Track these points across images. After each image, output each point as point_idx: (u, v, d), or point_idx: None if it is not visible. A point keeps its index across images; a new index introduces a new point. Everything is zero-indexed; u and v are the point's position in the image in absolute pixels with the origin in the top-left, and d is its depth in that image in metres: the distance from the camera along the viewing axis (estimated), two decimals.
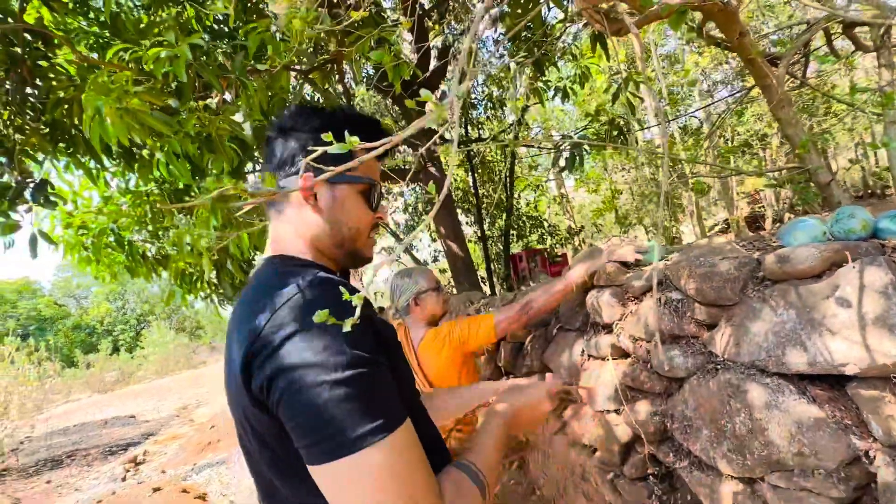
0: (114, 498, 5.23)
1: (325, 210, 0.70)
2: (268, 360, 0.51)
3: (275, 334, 0.52)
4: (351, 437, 0.48)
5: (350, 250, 0.74)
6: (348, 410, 0.49)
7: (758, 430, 0.99)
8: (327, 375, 0.49)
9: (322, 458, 0.49)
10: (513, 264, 6.79)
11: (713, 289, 1.15)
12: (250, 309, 0.58)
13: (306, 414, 0.49)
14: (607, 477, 1.55)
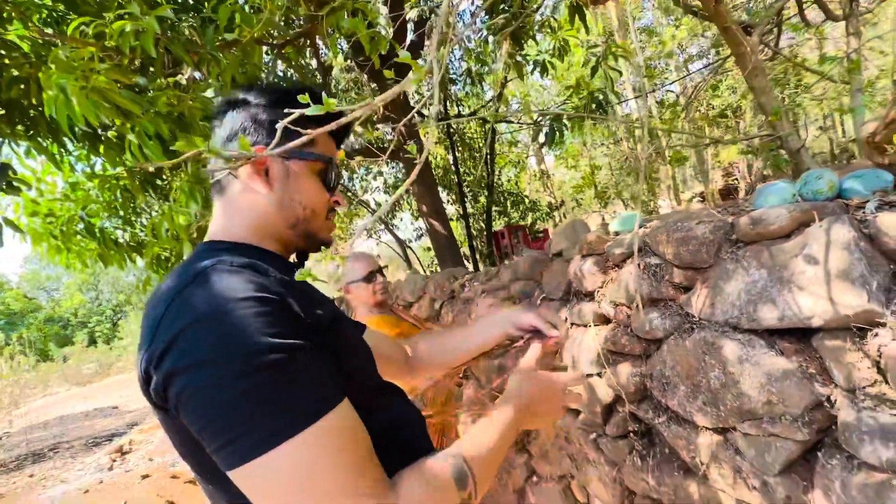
0: (101, 487, 5.20)
1: (276, 186, 0.65)
2: (161, 362, 0.45)
3: (169, 329, 0.46)
4: (259, 437, 0.43)
5: (304, 231, 0.69)
6: (253, 407, 0.43)
7: (731, 383, 1.05)
8: (224, 370, 0.43)
9: (233, 462, 0.44)
10: (495, 241, 6.85)
11: (689, 252, 1.19)
12: (154, 301, 0.52)
13: (208, 417, 0.44)
14: (590, 437, 1.63)
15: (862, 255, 0.90)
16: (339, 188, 0.76)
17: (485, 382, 2.30)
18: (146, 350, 0.47)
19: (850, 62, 1.66)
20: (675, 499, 1.27)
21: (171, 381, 0.45)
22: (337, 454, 0.45)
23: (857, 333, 0.90)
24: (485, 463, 0.57)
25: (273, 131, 0.65)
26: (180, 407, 0.45)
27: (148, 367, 0.47)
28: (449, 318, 2.88)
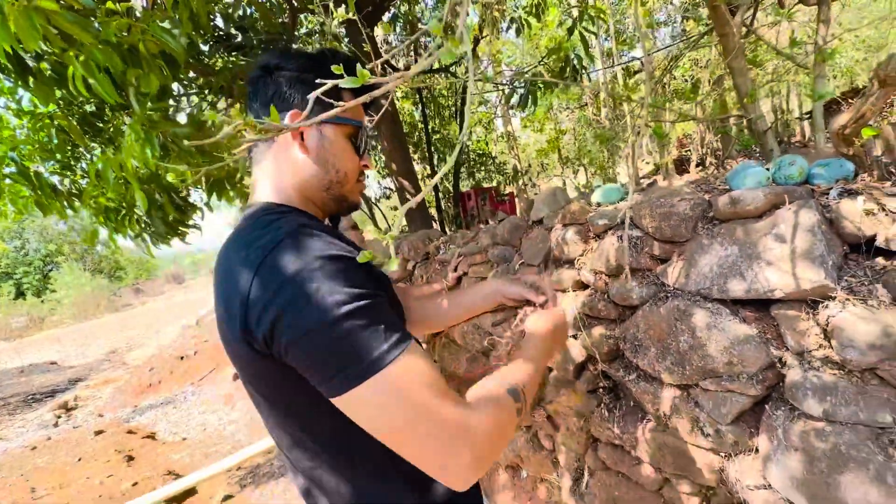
0: (50, 443, 5.03)
1: (312, 151, 0.69)
2: (265, 312, 0.52)
3: (265, 286, 0.53)
4: (368, 360, 0.51)
5: (337, 195, 0.74)
6: (359, 340, 0.51)
7: (698, 346, 1.18)
8: (330, 314, 0.51)
9: (344, 387, 0.51)
10: (462, 203, 6.86)
11: (670, 227, 1.28)
12: (234, 262, 0.57)
13: (318, 353, 0.51)
14: (561, 392, 1.77)
15: (823, 236, 1.01)
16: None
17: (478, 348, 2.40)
18: (244, 304, 0.53)
19: (818, 51, 1.75)
20: (636, 444, 1.44)
21: (277, 329, 0.51)
22: (423, 374, 0.53)
23: (810, 305, 1.03)
24: (529, 384, 0.67)
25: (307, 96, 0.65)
26: (290, 349, 0.52)
27: (247, 320, 0.53)
28: (422, 279, 2.92)
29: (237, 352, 0.57)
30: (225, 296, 0.58)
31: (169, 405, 6.17)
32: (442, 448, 0.52)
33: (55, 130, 3.15)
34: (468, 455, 0.52)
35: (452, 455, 0.52)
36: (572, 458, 1.83)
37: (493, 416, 0.57)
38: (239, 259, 0.57)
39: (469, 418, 0.54)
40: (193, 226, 3.16)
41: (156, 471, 3.72)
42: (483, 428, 0.54)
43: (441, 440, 0.52)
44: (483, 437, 0.54)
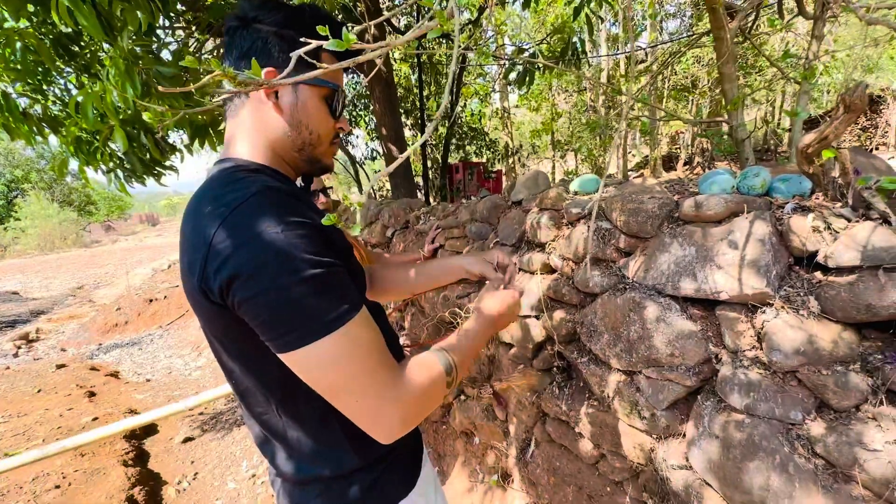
0: (9, 373, 4.97)
1: (286, 110, 0.69)
2: (222, 267, 0.54)
3: (226, 241, 0.54)
4: (316, 325, 0.54)
5: (310, 156, 0.74)
6: (309, 304, 0.54)
7: (646, 336, 1.26)
8: (284, 278, 0.53)
9: (291, 345, 0.55)
10: (449, 175, 6.83)
11: (637, 223, 1.34)
12: (201, 214, 0.58)
13: (270, 312, 0.54)
14: (518, 367, 1.86)
15: (772, 247, 1.08)
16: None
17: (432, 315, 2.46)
18: (204, 256, 0.55)
19: (806, 66, 1.79)
20: (580, 421, 1.54)
21: (233, 284, 0.53)
22: (367, 343, 0.58)
23: (750, 309, 1.11)
24: (464, 358, 0.72)
25: (285, 53, 0.65)
26: (243, 305, 0.54)
27: (205, 272, 0.55)
28: (400, 247, 2.95)
29: (196, 299, 0.60)
30: (189, 246, 0.59)
31: (135, 346, 6.14)
32: (373, 408, 0.58)
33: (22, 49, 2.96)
34: (396, 417, 0.59)
35: (381, 415, 0.59)
36: (522, 429, 1.94)
37: (423, 386, 0.63)
38: (205, 213, 0.58)
39: (400, 385, 0.60)
40: (171, 167, 3.08)
41: (117, 408, 3.75)
42: (412, 396, 0.61)
43: (373, 401, 0.58)
44: (410, 402, 0.61)
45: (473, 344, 0.76)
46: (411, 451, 0.83)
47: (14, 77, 3.11)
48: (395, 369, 0.61)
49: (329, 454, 0.71)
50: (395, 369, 0.61)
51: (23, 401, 3.96)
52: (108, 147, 3.53)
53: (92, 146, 3.66)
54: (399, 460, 0.79)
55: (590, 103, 10.14)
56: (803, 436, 0.97)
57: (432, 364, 0.66)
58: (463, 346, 0.74)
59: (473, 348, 0.76)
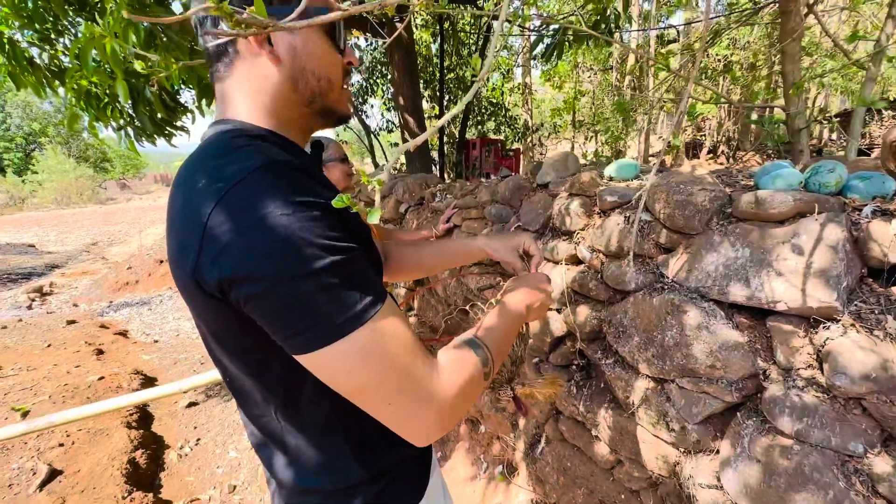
0: (21, 325, 5.04)
1: (284, 59, 0.57)
2: (222, 257, 0.45)
3: (225, 225, 0.45)
4: (339, 322, 0.46)
5: (322, 107, 0.63)
6: (329, 299, 0.46)
7: (683, 343, 1.14)
8: (298, 268, 0.44)
9: (309, 346, 0.47)
10: (465, 151, 6.62)
11: (684, 217, 1.20)
12: (194, 189, 0.49)
13: (282, 310, 0.45)
14: (533, 360, 1.76)
15: (845, 255, 0.94)
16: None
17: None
18: (199, 242, 0.46)
19: (879, 50, 1.59)
20: (597, 424, 1.45)
21: (235, 279, 0.45)
22: (398, 337, 0.50)
23: (811, 324, 0.98)
24: (498, 346, 0.64)
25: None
26: (249, 303, 0.46)
27: (199, 260, 0.46)
28: (413, 224, 2.83)
29: (188, 289, 0.50)
30: (179, 226, 0.49)
31: (144, 306, 6.19)
32: (409, 408, 0.51)
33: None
34: (434, 415, 0.52)
35: (418, 415, 0.51)
36: (532, 423, 1.86)
37: (461, 380, 0.55)
38: (199, 188, 0.48)
39: (437, 380, 0.53)
40: (182, 128, 2.97)
41: (123, 368, 3.77)
42: (450, 391, 0.54)
43: (409, 400, 0.51)
44: (449, 398, 0.53)
45: (506, 335, 0.69)
46: (419, 460, 0.74)
47: (22, 24, 2.97)
48: (430, 365, 0.53)
49: (331, 464, 0.63)
50: (429, 365, 0.53)
51: (32, 354, 4.00)
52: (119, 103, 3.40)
53: (102, 101, 3.53)
54: (405, 472, 0.70)
55: (615, 83, 9.71)
56: (863, 471, 0.86)
57: (468, 357, 0.58)
58: (496, 336, 0.66)
59: (507, 339, 0.69)
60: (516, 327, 0.75)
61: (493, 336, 0.66)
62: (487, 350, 0.62)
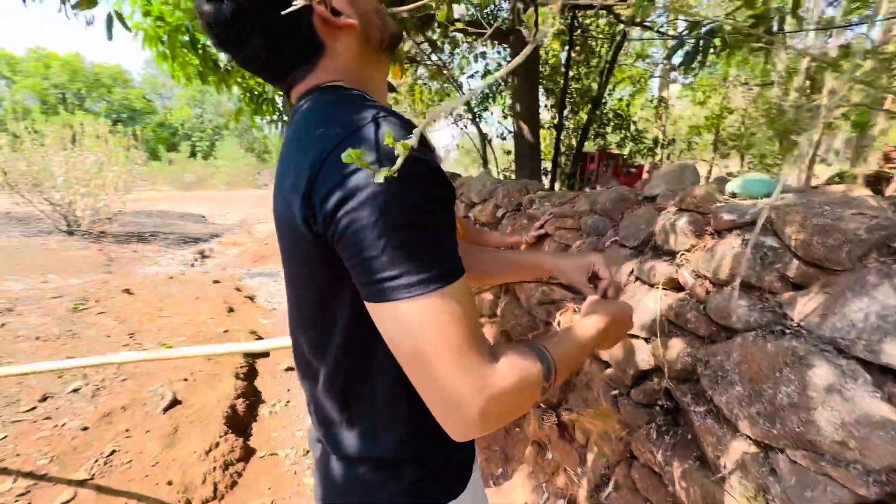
0: (182, 277, 6.15)
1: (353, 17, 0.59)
2: (333, 192, 0.47)
3: (336, 170, 0.47)
4: (412, 280, 0.46)
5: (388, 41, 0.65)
6: (412, 253, 0.46)
7: (803, 406, 0.89)
8: (392, 219, 0.45)
9: (381, 296, 0.48)
10: (582, 163, 6.30)
11: (825, 246, 0.94)
12: (311, 136, 0.52)
13: (365, 254, 0.47)
14: (611, 392, 1.56)
15: None
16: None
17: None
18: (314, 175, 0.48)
19: None
20: (676, 480, 1.22)
21: (342, 209, 0.46)
22: (465, 314, 0.48)
23: None
24: (565, 362, 0.60)
25: None
26: (345, 237, 0.47)
27: (313, 191, 0.48)
28: (508, 229, 2.76)
29: (291, 226, 0.53)
30: (294, 167, 0.52)
31: (271, 277, 7.09)
32: (451, 396, 0.49)
33: None
34: (474, 409, 0.48)
35: (458, 402, 0.48)
36: (602, 462, 1.65)
37: (514, 383, 0.51)
38: (317, 134, 0.51)
39: (488, 375, 0.49)
40: None
41: (245, 326, 4.35)
42: (498, 389, 0.50)
43: (453, 388, 0.48)
44: (495, 397, 0.49)
45: (574, 356, 0.64)
46: (467, 451, 0.71)
47: None
48: (487, 354, 0.50)
49: (386, 436, 0.62)
50: (486, 354, 0.50)
51: (185, 303, 4.84)
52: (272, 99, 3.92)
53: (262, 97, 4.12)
54: (454, 459, 0.67)
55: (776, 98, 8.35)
56: None
57: (531, 361, 0.54)
58: (565, 354, 0.61)
59: (574, 360, 0.64)
60: (587, 351, 0.68)
61: (562, 352, 0.60)
62: (553, 363, 0.57)
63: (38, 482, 2.02)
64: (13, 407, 2.56)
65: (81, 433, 2.37)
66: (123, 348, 3.42)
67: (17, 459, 2.14)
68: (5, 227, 9.86)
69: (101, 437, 2.36)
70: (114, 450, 2.26)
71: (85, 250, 7.85)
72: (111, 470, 2.14)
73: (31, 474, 2.06)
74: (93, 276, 6.02)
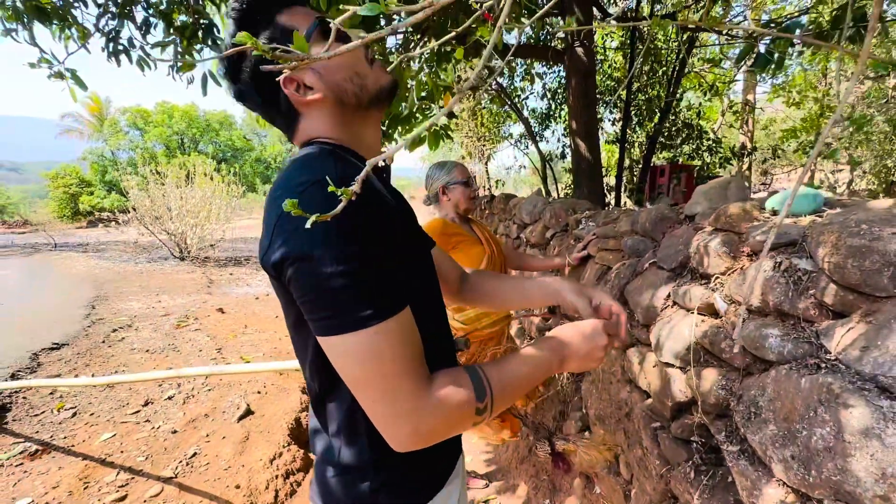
0: (266, 297, 6.78)
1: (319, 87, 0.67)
2: (282, 245, 0.56)
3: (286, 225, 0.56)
4: (340, 321, 0.54)
5: (369, 96, 0.71)
6: (343, 298, 0.54)
7: (839, 452, 0.79)
8: (327, 266, 0.53)
9: (321, 332, 0.57)
10: (651, 177, 5.95)
11: (862, 270, 0.84)
12: (273, 197, 0.62)
13: (309, 296, 0.55)
14: (651, 425, 1.47)
15: None
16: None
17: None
18: (270, 233, 0.58)
19: None
20: None
21: (286, 264, 0.56)
22: (395, 348, 0.56)
23: None
24: (506, 387, 0.65)
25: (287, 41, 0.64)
26: (290, 284, 0.57)
27: (269, 249, 0.58)
28: (555, 250, 2.72)
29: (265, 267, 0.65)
30: (264, 223, 0.64)
31: None
32: (387, 415, 0.57)
33: None
34: (407, 428, 0.57)
35: (393, 422, 0.57)
36: (645, 500, 1.54)
37: (445, 407, 0.59)
38: (276, 196, 0.62)
39: (421, 399, 0.57)
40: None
41: None
42: (430, 412, 0.58)
43: (388, 409, 0.57)
44: (427, 418, 0.57)
45: (521, 380, 0.68)
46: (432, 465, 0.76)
47: None
48: (420, 381, 0.58)
49: (349, 442, 0.69)
50: (419, 380, 0.58)
51: (265, 321, 5.33)
52: None
53: None
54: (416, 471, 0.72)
55: (892, 92, 7.23)
56: None
57: (462, 386, 0.61)
58: (508, 377, 0.66)
59: (525, 379, 0.68)
60: (540, 374, 0.70)
61: (504, 376, 0.66)
62: (489, 388, 0.63)
63: (135, 476, 2.34)
64: (123, 409, 3.01)
65: (172, 436, 2.71)
66: (211, 361, 3.85)
67: (122, 455, 2.50)
68: (134, 255, 11.65)
69: (187, 440, 2.68)
70: (195, 452, 2.55)
71: (192, 273, 9.00)
72: (192, 470, 2.41)
73: (131, 469, 2.40)
74: (195, 296, 6.88)
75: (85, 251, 12.53)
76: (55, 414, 2.95)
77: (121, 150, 28.93)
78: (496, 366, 0.67)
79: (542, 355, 0.71)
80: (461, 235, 1.83)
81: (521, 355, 0.70)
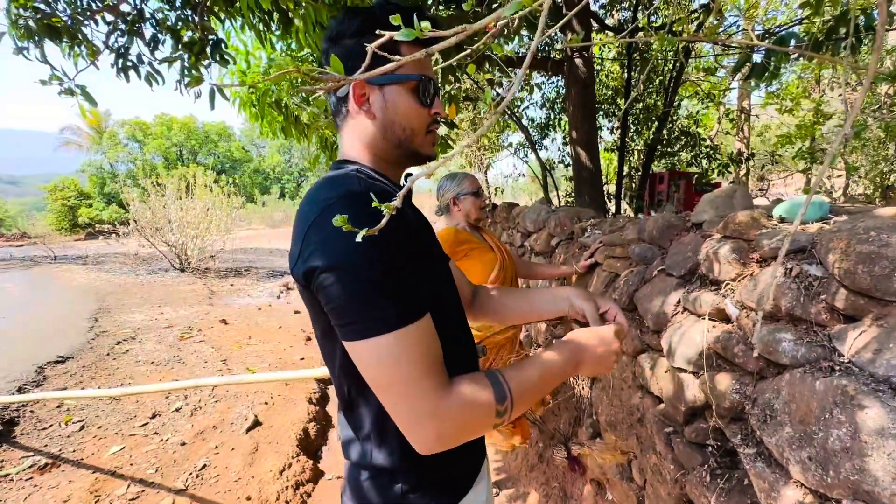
0: (269, 308, 6.78)
1: (377, 115, 0.73)
2: (311, 255, 0.60)
3: (315, 237, 0.61)
4: (364, 326, 0.58)
5: (408, 150, 0.77)
6: (368, 305, 0.58)
7: (856, 452, 0.81)
8: (352, 275, 0.58)
9: (347, 337, 0.61)
10: (650, 184, 6.02)
11: (872, 275, 0.87)
12: (303, 211, 0.66)
13: (337, 303, 0.59)
14: (664, 430, 1.49)
15: None
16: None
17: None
18: (300, 244, 0.62)
19: None
20: None
21: (314, 274, 0.60)
22: (416, 352, 0.59)
23: None
24: (525, 391, 0.67)
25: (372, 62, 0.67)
26: (319, 292, 0.61)
27: (298, 260, 0.62)
28: (560, 259, 2.75)
29: (298, 283, 0.69)
30: (293, 238, 0.68)
31: None
32: (409, 415, 0.60)
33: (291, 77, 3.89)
34: (430, 431, 0.60)
35: (415, 424, 0.60)
36: None
37: (465, 410, 0.61)
38: (305, 210, 0.66)
39: (442, 402, 0.60)
40: None
41: (318, 355, 4.69)
42: (450, 415, 0.60)
43: (410, 412, 0.60)
44: (447, 421, 0.60)
45: (537, 384, 0.70)
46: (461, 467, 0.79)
47: (294, 92, 4.13)
48: (440, 384, 0.61)
49: (381, 446, 0.72)
50: (439, 384, 0.61)
51: (269, 332, 5.34)
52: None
53: (334, 144, 4.58)
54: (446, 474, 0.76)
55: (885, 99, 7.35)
56: None
57: (482, 390, 0.64)
58: (525, 381, 0.68)
59: (543, 383, 0.71)
60: (556, 379, 0.74)
61: (523, 379, 0.68)
62: (509, 391, 0.65)
63: (146, 489, 2.34)
64: (131, 422, 3.00)
65: (180, 447, 2.70)
66: (217, 372, 3.85)
67: (131, 468, 2.50)
68: (134, 266, 11.63)
69: (196, 451, 2.68)
70: (205, 464, 2.55)
71: (192, 285, 8.99)
72: (202, 482, 2.41)
73: (142, 481, 2.39)
74: (197, 307, 6.87)
75: (84, 263, 12.51)
76: (63, 427, 2.94)
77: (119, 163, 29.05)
78: (515, 369, 0.69)
79: (560, 359, 0.74)
80: (473, 243, 1.87)
81: (540, 359, 0.73)
